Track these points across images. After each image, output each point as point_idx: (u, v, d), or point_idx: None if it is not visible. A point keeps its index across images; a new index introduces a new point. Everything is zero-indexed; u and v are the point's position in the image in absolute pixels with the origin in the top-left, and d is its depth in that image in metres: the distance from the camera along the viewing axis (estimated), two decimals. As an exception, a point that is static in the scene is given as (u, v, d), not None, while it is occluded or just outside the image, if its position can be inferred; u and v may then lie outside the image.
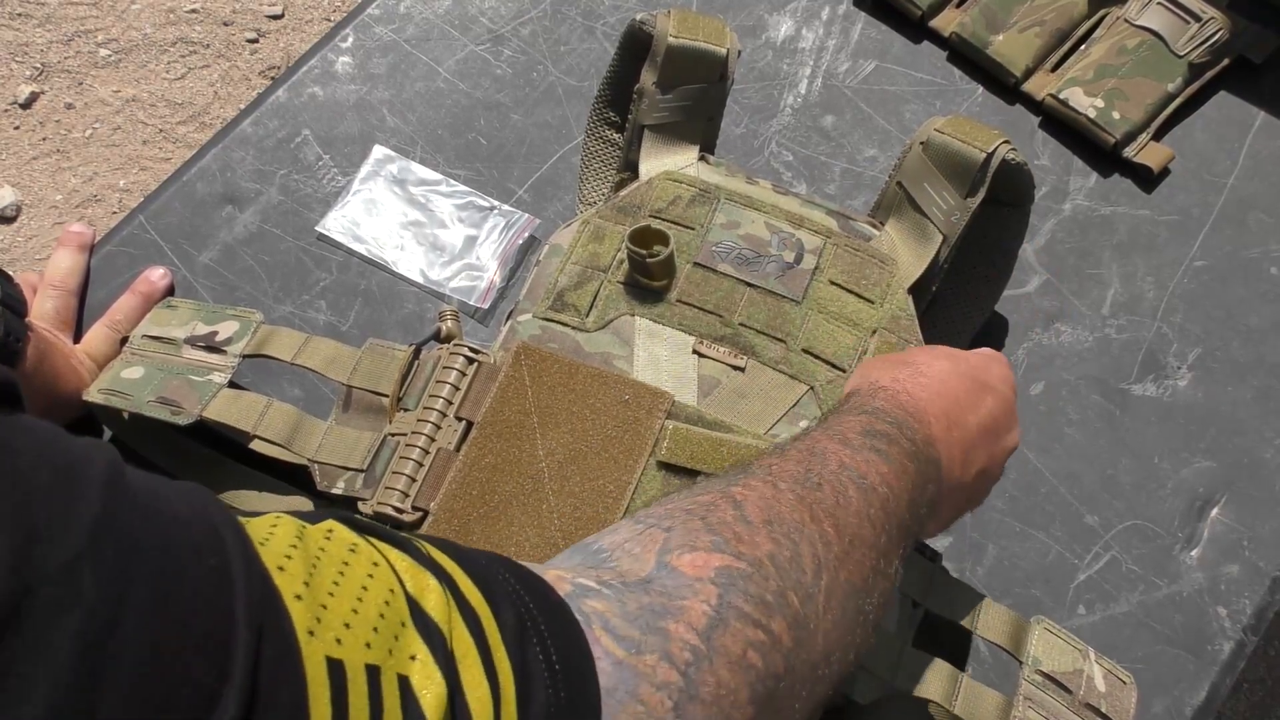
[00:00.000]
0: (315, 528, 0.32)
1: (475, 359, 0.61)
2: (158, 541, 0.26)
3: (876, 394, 0.52)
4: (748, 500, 0.41)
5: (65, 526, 0.24)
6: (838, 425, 0.49)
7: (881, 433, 0.48)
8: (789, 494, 0.42)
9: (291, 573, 0.29)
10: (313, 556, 0.30)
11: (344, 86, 0.84)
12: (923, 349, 0.57)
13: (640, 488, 0.57)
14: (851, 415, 0.50)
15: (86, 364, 0.69)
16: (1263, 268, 0.79)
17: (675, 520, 0.40)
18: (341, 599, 0.29)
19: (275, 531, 0.30)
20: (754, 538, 0.39)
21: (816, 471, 0.44)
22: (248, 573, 0.27)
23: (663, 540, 0.38)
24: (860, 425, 0.48)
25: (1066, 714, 0.55)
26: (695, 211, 0.66)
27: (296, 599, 0.28)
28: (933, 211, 0.66)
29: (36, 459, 0.25)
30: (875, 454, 0.46)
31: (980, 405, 0.54)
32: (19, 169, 1.65)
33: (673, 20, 0.67)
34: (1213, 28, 0.83)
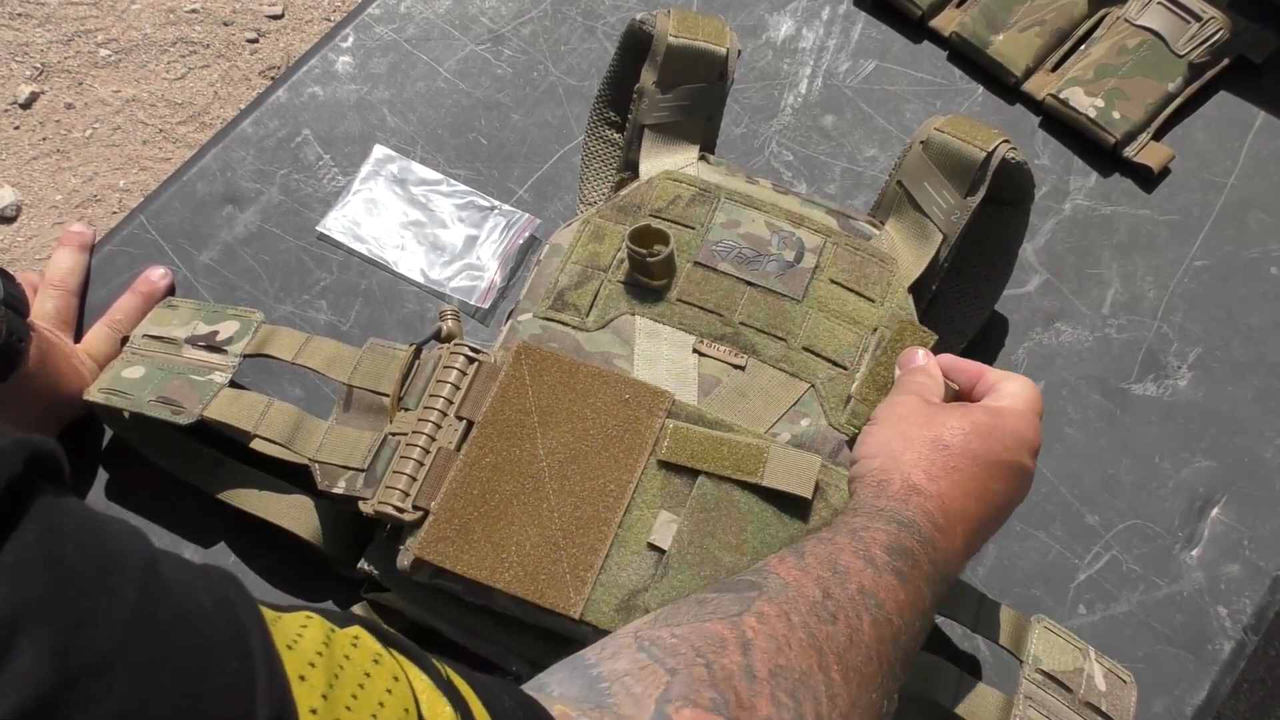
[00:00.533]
0: (342, 633, 0.32)
1: (476, 358, 0.61)
2: (186, 640, 0.26)
3: (910, 498, 0.50)
4: (757, 642, 0.40)
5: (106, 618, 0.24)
6: (866, 533, 0.47)
7: (907, 551, 0.47)
8: (800, 632, 0.41)
9: (312, 683, 0.29)
10: (336, 665, 0.30)
11: (344, 86, 0.84)
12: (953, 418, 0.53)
13: (641, 486, 0.57)
14: (880, 523, 0.48)
15: (87, 364, 0.69)
16: (1263, 268, 0.79)
17: (680, 661, 0.39)
18: (359, 713, 0.29)
19: (303, 635, 0.31)
20: (755, 700, 0.38)
21: (835, 596, 0.43)
22: (270, 678, 0.28)
23: (665, 686, 0.38)
24: (888, 539, 0.47)
25: (1067, 713, 0.55)
26: (695, 211, 0.66)
27: (312, 713, 0.28)
28: (933, 210, 0.66)
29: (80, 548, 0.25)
30: (896, 578, 0.45)
31: (1005, 492, 0.53)
32: (19, 169, 1.65)
33: (673, 20, 0.67)
34: (1213, 27, 0.83)
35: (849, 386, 0.62)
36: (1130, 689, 0.58)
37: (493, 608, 0.57)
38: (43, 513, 0.25)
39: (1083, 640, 0.59)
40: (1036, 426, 0.55)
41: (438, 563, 0.55)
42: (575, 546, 0.56)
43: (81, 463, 0.71)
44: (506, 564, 0.55)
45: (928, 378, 0.59)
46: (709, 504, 0.57)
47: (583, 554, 0.55)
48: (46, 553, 0.24)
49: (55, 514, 0.25)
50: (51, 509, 0.25)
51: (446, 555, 0.55)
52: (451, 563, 0.55)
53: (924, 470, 0.51)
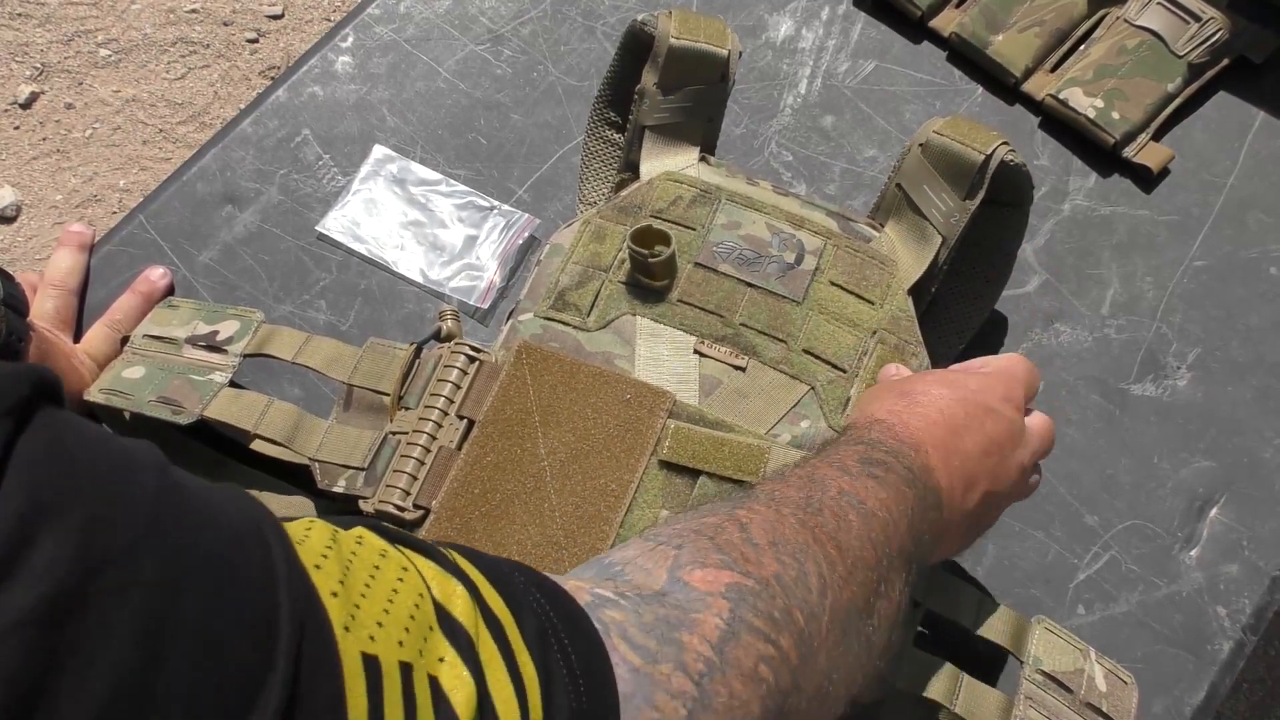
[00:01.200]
0: (346, 533, 0.33)
1: (477, 358, 0.62)
2: (208, 533, 0.27)
3: (872, 426, 0.52)
4: (753, 523, 0.42)
5: (124, 512, 0.25)
6: (835, 454, 0.49)
7: (878, 460, 0.49)
8: (791, 518, 0.43)
9: (327, 571, 0.30)
10: (346, 558, 0.31)
11: (344, 86, 0.84)
12: (921, 376, 0.57)
13: (642, 486, 0.57)
14: (848, 445, 0.50)
15: (87, 364, 0.69)
16: (1262, 268, 0.79)
17: (685, 539, 0.41)
18: (373, 600, 0.30)
19: (310, 533, 0.31)
20: (760, 558, 0.40)
21: (817, 497, 0.45)
22: (290, 568, 0.28)
23: (674, 557, 0.39)
24: (857, 454, 0.49)
25: (1067, 713, 0.55)
26: (696, 212, 0.66)
27: (333, 596, 0.29)
28: (932, 213, 0.66)
29: (91, 452, 0.26)
30: (873, 480, 0.47)
31: (980, 429, 0.53)
32: (19, 169, 1.65)
33: (674, 21, 0.67)
34: (1212, 28, 0.83)
35: (848, 389, 0.62)
36: (1131, 689, 0.58)
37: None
38: (51, 421, 0.25)
39: (1083, 641, 0.59)
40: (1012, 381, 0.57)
41: (438, 562, 0.55)
42: (577, 546, 0.56)
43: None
44: (507, 564, 0.55)
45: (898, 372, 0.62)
46: None
47: (584, 553, 0.56)
48: (59, 454, 0.25)
49: (63, 423, 0.26)
50: (60, 419, 0.26)
51: (447, 555, 0.55)
52: (452, 562, 0.55)
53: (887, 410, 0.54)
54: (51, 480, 0.24)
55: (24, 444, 0.24)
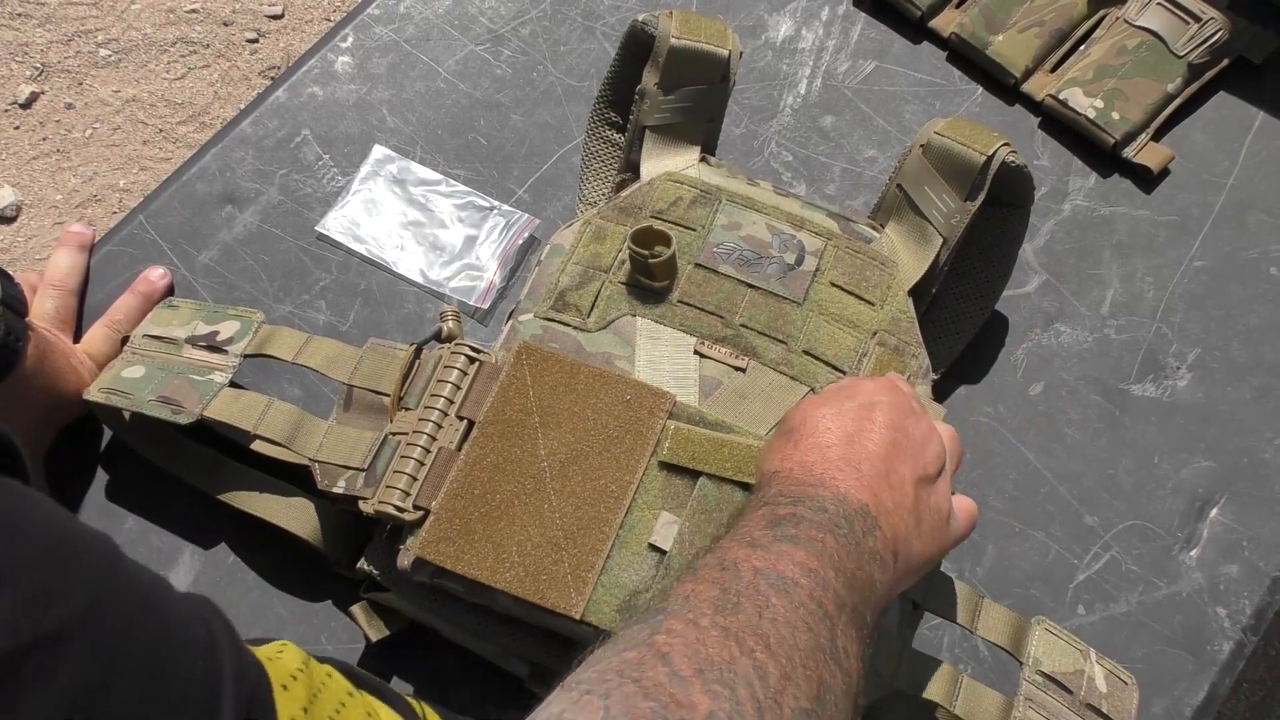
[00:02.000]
0: (318, 665, 0.32)
1: (477, 358, 0.62)
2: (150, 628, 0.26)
3: (771, 482, 0.50)
4: (674, 650, 0.40)
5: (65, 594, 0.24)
6: (742, 529, 0.47)
7: (784, 518, 0.46)
8: (712, 630, 0.41)
9: (294, 694, 0.29)
10: (315, 687, 0.30)
11: (344, 86, 0.84)
12: (797, 409, 0.56)
13: (642, 487, 0.57)
14: (752, 513, 0.48)
15: (87, 364, 0.69)
16: (1262, 268, 0.79)
17: (610, 686, 0.38)
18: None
19: (283, 654, 0.31)
20: (690, 697, 0.38)
21: (734, 589, 0.43)
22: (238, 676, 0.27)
23: (603, 710, 0.37)
24: (763, 520, 0.47)
25: (1067, 714, 0.55)
26: (697, 212, 0.66)
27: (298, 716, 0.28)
28: (933, 214, 0.66)
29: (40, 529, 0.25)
30: (786, 543, 0.45)
31: (872, 424, 0.52)
32: (19, 169, 1.65)
33: (675, 21, 0.67)
34: (1212, 28, 0.83)
35: None
36: (1131, 690, 0.58)
37: (493, 608, 0.57)
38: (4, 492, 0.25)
39: (1083, 642, 0.59)
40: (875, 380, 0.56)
41: (438, 563, 0.55)
42: (576, 547, 0.56)
43: (81, 463, 0.71)
44: (507, 564, 0.55)
45: None
46: (710, 505, 0.57)
47: (584, 554, 0.56)
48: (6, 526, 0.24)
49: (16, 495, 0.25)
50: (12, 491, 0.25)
51: (447, 555, 0.55)
52: (452, 563, 0.55)
53: (776, 456, 0.52)
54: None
55: None
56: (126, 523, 0.69)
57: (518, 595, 0.55)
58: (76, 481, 0.70)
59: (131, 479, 0.70)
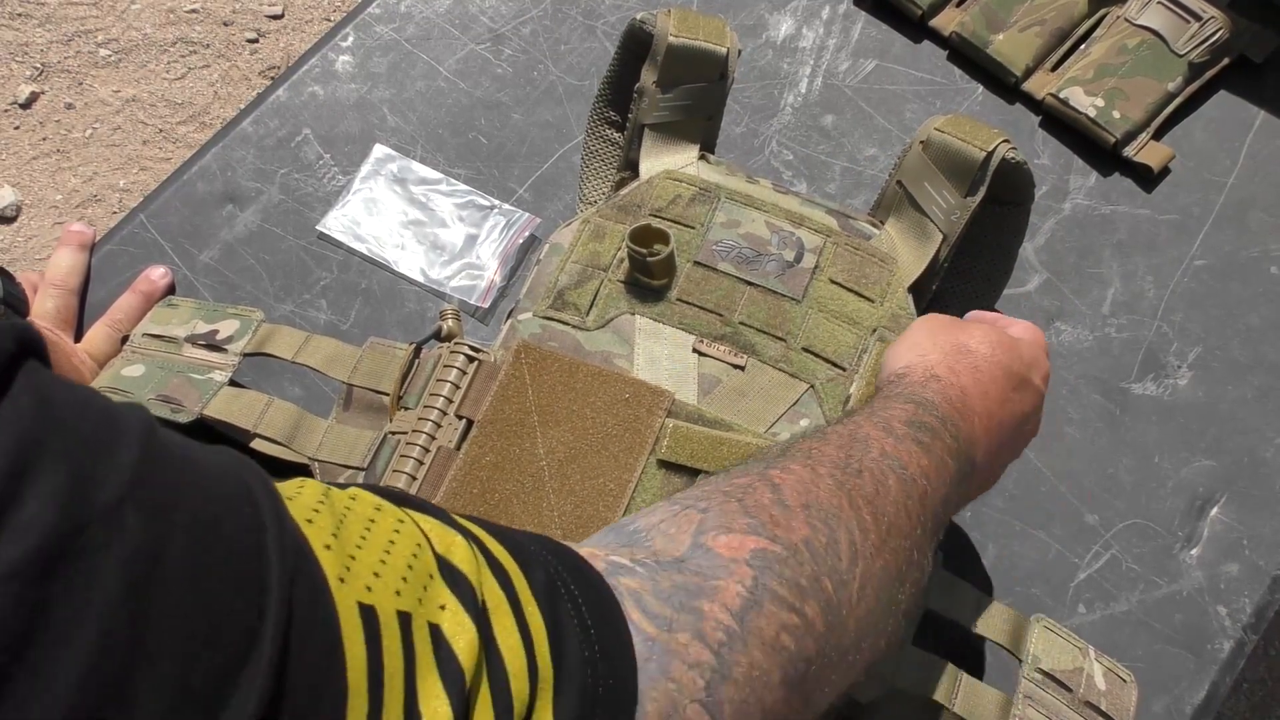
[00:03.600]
0: (340, 491, 0.32)
1: (476, 357, 0.61)
2: (194, 489, 0.27)
3: (929, 383, 0.51)
4: (785, 484, 0.41)
5: (109, 469, 0.25)
6: (884, 410, 0.48)
7: (927, 425, 0.48)
8: (828, 479, 0.42)
9: (320, 525, 0.29)
10: (340, 513, 0.31)
11: (344, 86, 0.84)
12: (976, 329, 0.57)
13: (640, 486, 0.57)
14: (899, 402, 0.49)
15: (88, 363, 0.69)
16: (1263, 267, 0.79)
17: (712, 502, 0.40)
18: (369, 550, 0.30)
19: (303, 490, 0.31)
20: (790, 522, 0.39)
21: (858, 458, 0.44)
22: (279, 521, 0.28)
23: (699, 521, 0.38)
24: (906, 414, 0.48)
25: (1067, 712, 0.55)
26: (695, 210, 0.66)
27: (326, 549, 0.29)
28: (933, 210, 0.66)
29: (77, 409, 0.26)
30: (918, 446, 0.46)
31: (1019, 401, 0.54)
32: (19, 169, 1.65)
33: (673, 19, 0.67)
34: (1213, 27, 0.83)
35: (848, 388, 0.62)
36: (1130, 688, 0.58)
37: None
38: (37, 379, 0.25)
39: (1082, 639, 0.59)
40: (1042, 352, 0.58)
41: (438, 562, 0.55)
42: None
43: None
44: (507, 563, 0.55)
45: None
46: None
47: None
48: (45, 411, 0.25)
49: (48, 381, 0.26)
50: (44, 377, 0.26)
51: (447, 554, 0.55)
52: (452, 562, 0.55)
53: (947, 365, 0.53)
54: (37, 437, 0.24)
55: (9, 402, 0.24)
56: (126, 522, 0.69)
57: (518, 594, 0.55)
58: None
59: (131, 478, 0.70)
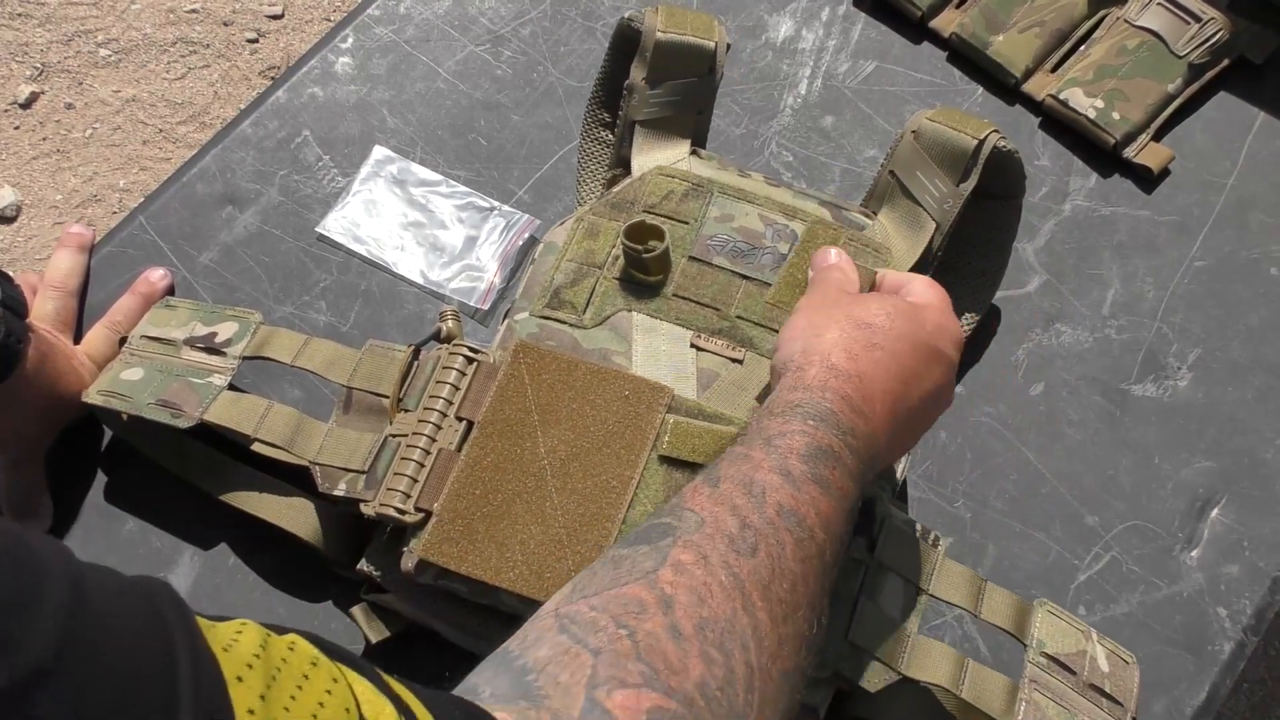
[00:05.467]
0: (279, 639, 0.32)
1: (475, 359, 0.62)
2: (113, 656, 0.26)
3: (828, 383, 0.49)
4: (678, 597, 0.39)
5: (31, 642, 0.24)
6: (782, 440, 0.46)
7: (826, 452, 0.46)
8: (721, 573, 0.41)
9: (249, 684, 0.29)
10: (273, 667, 0.30)
11: (344, 87, 0.84)
12: (878, 302, 0.54)
13: (643, 482, 0.57)
14: (796, 423, 0.47)
15: (87, 365, 0.69)
16: (1263, 268, 0.79)
17: (603, 638, 0.38)
18: (297, 714, 0.29)
19: (239, 639, 0.31)
20: (685, 661, 0.38)
21: (753, 524, 0.42)
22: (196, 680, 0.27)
23: (591, 669, 0.37)
24: (803, 445, 0.46)
25: (1072, 695, 0.56)
26: (689, 205, 0.66)
27: (249, 713, 0.28)
28: (925, 199, 0.66)
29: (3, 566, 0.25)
30: (817, 487, 0.44)
31: (929, 376, 0.52)
32: (19, 169, 1.65)
33: (660, 15, 0.67)
34: (1213, 28, 0.83)
35: None
36: (1133, 669, 0.58)
37: (498, 607, 0.57)
38: None
39: (1084, 623, 0.59)
40: (954, 319, 0.56)
41: (442, 564, 0.55)
42: (579, 544, 0.56)
43: (81, 464, 0.71)
44: (511, 563, 0.55)
45: (842, 273, 0.60)
46: None
47: (587, 551, 0.56)
48: None
49: None
50: None
51: (451, 556, 0.55)
52: (456, 563, 0.55)
53: (844, 348, 0.51)
54: None
55: None
56: (127, 524, 0.69)
57: (522, 594, 0.55)
58: (76, 482, 0.70)
59: (131, 479, 0.70)
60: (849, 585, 0.57)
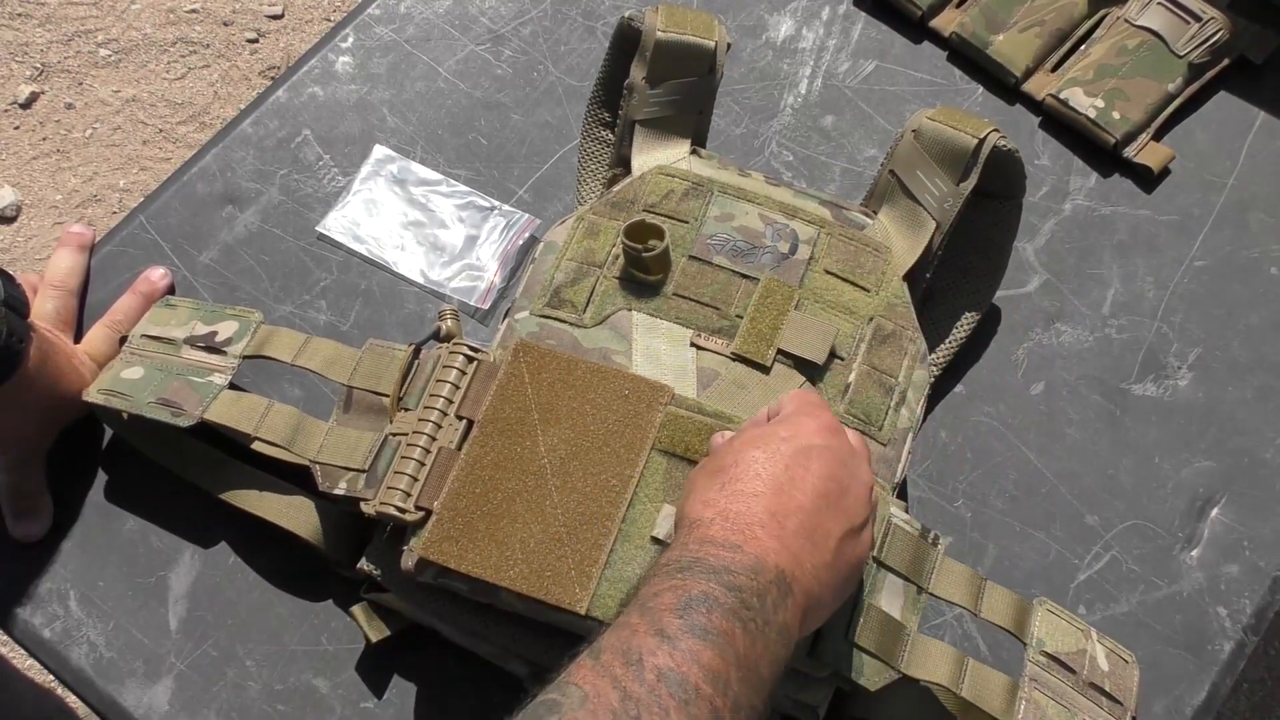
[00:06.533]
0: None
1: (475, 358, 0.62)
2: None
3: (692, 531, 0.48)
4: None
5: None
6: (655, 603, 0.45)
7: (700, 599, 0.44)
8: None
9: None
10: None
11: (344, 86, 0.84)
12: (728, 446, 0.53)
13: (643, 480, 0.57)
14: (666, 581, 0.45)
15: (88, 364, 0.69)
16: (1263, 268, 0.79)
17: None
18: None
19: None
20: None
21: (634, 694, 0.41)
22: None
23: None
24: (675, 601, 0.44)
25: (1072, 694, 0.56)
26: (689, 205, 0.66)
27: None
28: (925, 198, 0.66)
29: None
30: (695, 639, 0.43)
31: (807, 473, 0.50)
32: (19, 169, 1.65)
33: (660, 15, 0.67)
34: (1213, 28, 0.83)
35: (846, 376, 0.62)
36: (1133, 668, 0.58)
37: (498, 606, 0.57)
38: None
39: (1084, 621, 0.59)
40: (815, 408, 0.54)
41: (443, 563, 0.55)
42: (579, 542, 0.56)
43: (81, 463, 0.71)
44: (511, 562, 0.55)
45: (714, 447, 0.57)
46: None
47: (587, 549, 0.56)
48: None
49: None
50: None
51: (451, 555, 0.55)
52: (456, 562, 0.55)
53: (700, 500, 0.50)
54: None
55: None
56: (127, 523, 0.69)
57: (522, 592, 0.55)
58: (76, 481, 0.70)
59: (131, 479, 0.70)
60: None
